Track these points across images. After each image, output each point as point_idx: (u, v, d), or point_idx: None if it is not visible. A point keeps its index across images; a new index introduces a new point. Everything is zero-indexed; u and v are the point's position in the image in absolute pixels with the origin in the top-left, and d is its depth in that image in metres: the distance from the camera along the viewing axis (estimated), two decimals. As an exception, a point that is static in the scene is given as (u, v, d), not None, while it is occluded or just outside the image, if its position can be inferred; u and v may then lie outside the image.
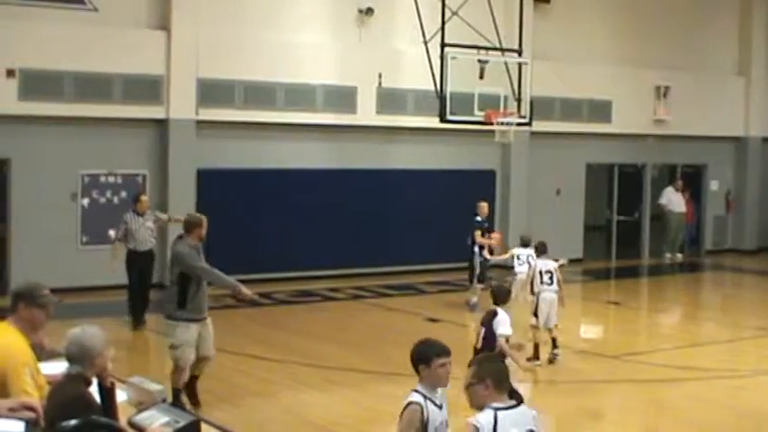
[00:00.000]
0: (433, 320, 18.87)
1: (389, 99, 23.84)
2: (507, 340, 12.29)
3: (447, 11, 21.22)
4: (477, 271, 19.96)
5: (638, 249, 29.19)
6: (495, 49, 21.96)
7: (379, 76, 23.63)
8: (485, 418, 6.24)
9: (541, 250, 16.32)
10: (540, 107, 23.62)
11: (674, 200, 28.80)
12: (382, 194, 24.15)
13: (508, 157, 25.88)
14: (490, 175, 25.99)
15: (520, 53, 22.51)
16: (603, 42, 27.52)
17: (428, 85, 21.26)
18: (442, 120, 21.37)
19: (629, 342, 18.33)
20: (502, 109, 22.06)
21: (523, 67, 22.41)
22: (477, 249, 19.96)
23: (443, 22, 21.06)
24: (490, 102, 21.88)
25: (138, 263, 17.62)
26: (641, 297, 24.77)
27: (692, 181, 29.95)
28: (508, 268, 19.79)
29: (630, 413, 13.68)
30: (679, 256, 28.96)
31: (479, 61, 21.34)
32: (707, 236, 30.47)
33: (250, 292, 12.13)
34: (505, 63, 22.28)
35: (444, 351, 6.91)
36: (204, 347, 12.22)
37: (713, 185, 30.52)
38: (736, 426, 13.05)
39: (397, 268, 24.19)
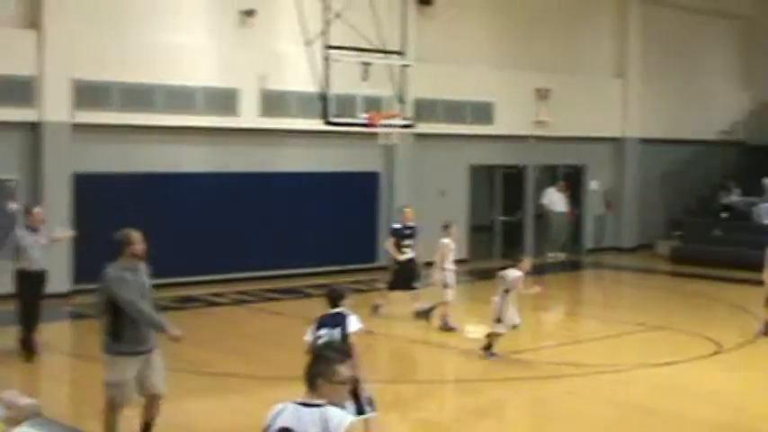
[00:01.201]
0: (319, 323, 18.75)
1: (272, 101, 23.70)
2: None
3: (330, 12, 21.16)
4: (391, 278, 19.60)
5: (521, 249, 29.45)
6: (378, 51, 21.94)
7: (262, 78, 23.46)
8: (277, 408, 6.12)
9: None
10: (424, 109, 23.77)
11: (555, 200, 29.20)
12: (266, 198, 24.00)
13: (392, 159, 25.94)
14: (374, 177, 26.04)
15: (403, 55, 22.56)
16: (486, 44, 27.78)
17: (311, 87, 21.15)
18: (326, 122, 21.29)
19: (513, 340, 18.44)
20: (385, 111, 22.08)
21: (407, 68, 22.46)
22: (398, 258, 19.43)
23: (326, 24, 21.00)
24: (374, 104, 21.91)
25: (31, 285, 15.46)
26: (524, 296, 24.98)
27: (573, 181, 30.40)
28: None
29: (515, 410, 13.80)
30: (561, 255, 29.35)
31: (363, 63, 21.28)
32: (587, 235, 30.96)
33: (178, 333, 10.59)
34: (389, 65, 22.31)
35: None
36: (148, 384, 10.69)
37: (593, 185, 31.04)
38: (618, 419, 13.23)
39: (282, 272, 24.06)
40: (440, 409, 13.39)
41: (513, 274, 16.17)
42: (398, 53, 22.45)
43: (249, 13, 23.36)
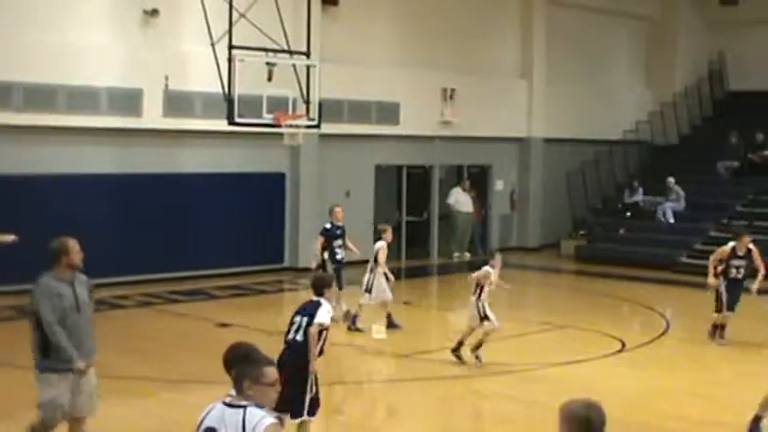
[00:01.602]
0: (224, 325, 18.61)
1: (177, 102, 23.41)
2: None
3: (234, 13, 20.99)
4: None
5: (427, 249, 29.61)
6: (283, 51, 21.85)
7: (166, 78, 23.17)
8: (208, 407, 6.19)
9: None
10: (329, 109, 23.66)
11: (461, 200, 29.33)
12: (170, 199, 23.71)
13: (297, 160, 25.82)
14: (280, 177, 25.89)
15: (308, 55, 22.46)
16: (391, 45, 27.81)
17: (216, 87, 20.96)
18: (231, 122, 21.11)
19: (420, 341, 18.53)
20: (291, 111, 21.98)
21: (312, 69, 22.38)
22: (326, 256, 19.21)
23: (231, 24, 20.83)
24: (279, 104, 21.77)
25: None
26: (431, 296, 25.15)
27: (478, 181, 30.57)
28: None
29: (424, 411, 13.80)
30: (467, 254, 29.49)
31: (267, 63, 21.17)
32: (493, 234, 31.15)
33: (83, 365, 9.56)
34: (294, 65, 22.21)
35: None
36: (76, 404, 9.74)
37: (498, 185, 31.26)
38: (526, 418, 13.31)
39: (187, 273, 23.79)
40: (350, 410, 13.33)
41: (486, 270, 16.46)
42: (304, 54, 22.37)
43: (153, 12, 23.06)
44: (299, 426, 10.22)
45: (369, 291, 18.24)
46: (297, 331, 10.51)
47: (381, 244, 18.50)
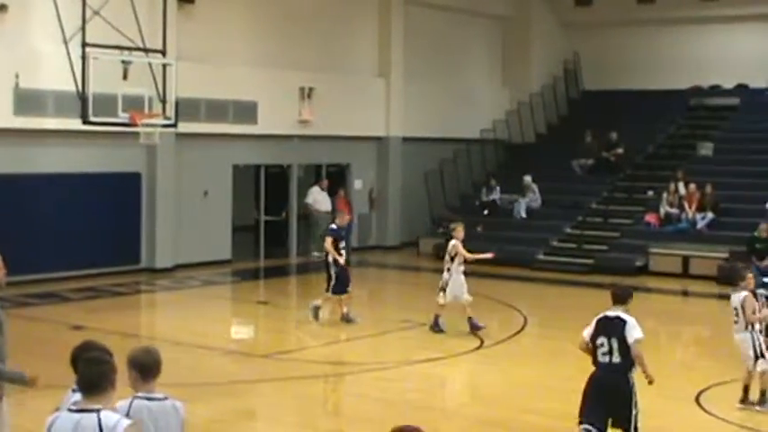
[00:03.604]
0: (78, 328, 18.15)
1: (28, 100, 22.75)
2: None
3: (88, 10, 20.52)
4: (333, 282, 19.13)
5: (286, 249, 29.45)
6: (138, 49, 21.46)
7: (16, 76, 22.50)
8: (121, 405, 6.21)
9: None
10: (186, 108, 23.31)
11: (319, 199, 29.23)
12: (22, 200, 23.06)
13: (154, 159, 25.37)
14: (136, 177, 25.41)
15: (164, 54, 22.10)
16: (248, 44, 27.55)
17: (70, 85, 20.47)
18: (85, 121, 20.65)
19: (280, 341, 18.42)
20: (147, 110, 21.61)
21: (168, 67, 22.03)
22: (330, 259, 19.06)
23: (84, 21, 20.36)
24: (135, 103, 21.38)
25: None
26: (290, 296, 25.01)
27: (337, 180, 30.51)
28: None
29: (284, 411, 13.68)
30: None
31: (123, 62, 20.79)
32: (352, 233, 31.09)
33: (35, 376, 8.95)
34: (149, 64, 21.83)
35: None
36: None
37: (357, 184, 31.26)
38: (386, 417, 13.28)
39: (40, 276, 23.14)
40: (207, 412, 13.11)
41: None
42: (159, 52, 22.00)
43: (1, 8, 22.38)
44: None
45: (444, 290, 18.34)
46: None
47: (454, 242, 18.51)
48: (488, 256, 18.91)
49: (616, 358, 10.06)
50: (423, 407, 13.54)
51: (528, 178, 30.27)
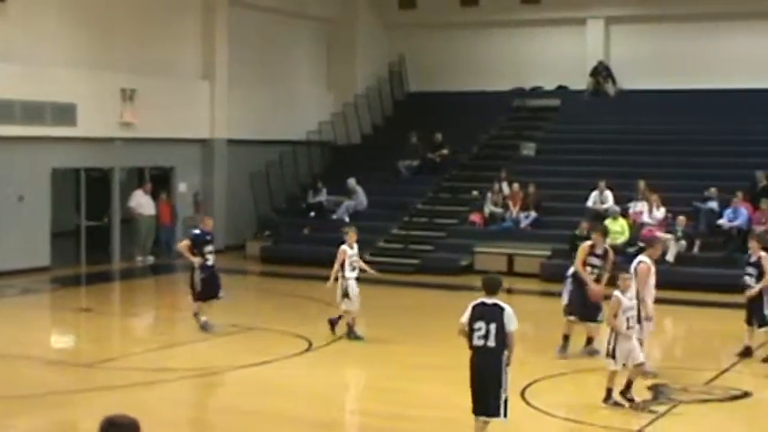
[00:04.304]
0: None
1: None
2: None
3: None
4: (200, 288, 18.57)
5: (108, 254, 28.70)
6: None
7: None
8: None
9: None
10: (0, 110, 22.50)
11: (143, 202, 28.62)
12: None
13: (-34, 164, 24.40)
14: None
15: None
16: (65, 44, 26.74)
17: None
18: None
19: (103, 349, 17.87)
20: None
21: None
22: (195, 264, 18.57)
23: None
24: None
25: None
26: (113, 302, 24.41)
27: (162, 183, 29.92)
28: None
29: (105, 422, 13.20)
30: (150, 258, 28.82)
31: None
32: (178, 237, 30.46)
33: None
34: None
35: None
36: None
37: (182, 187, 30.69)
38: (215, 423, 13.04)
39: None
40: (27, 425, 12.58)
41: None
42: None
43: None
44: None
45: (347, 295, 17.86)
46: None
47: (342, 247, 18.12)
48: (371, 270, 18.62)
49: (491, 342, 10.46)
50: (251, 411, 13.28)
51: (352, 181, 30.28)
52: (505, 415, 10.61)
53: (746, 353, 16.54)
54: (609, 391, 13.07)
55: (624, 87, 33.28)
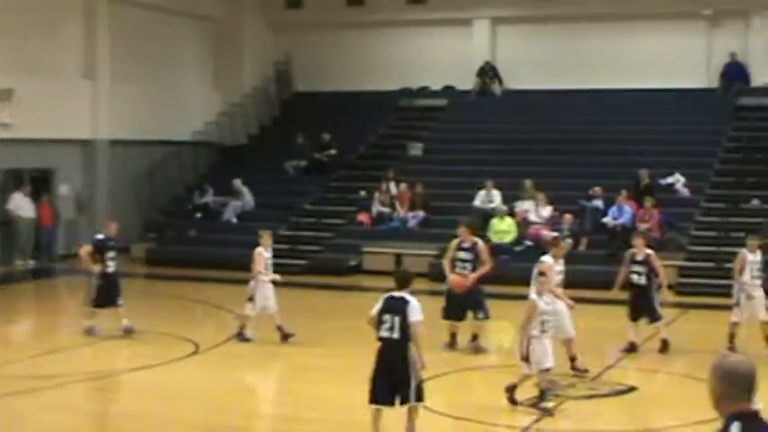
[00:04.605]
0: None
1: None
2: None
3: None
4: (94, 295, 18.02)
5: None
6: None
7: None
8: None
9: None
10: None
11: (22, 205, 27.92)
12: None
13: None
14: None
15: None
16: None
17: None
18: None
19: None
20: None
21: None
22: (94, 271, 18.05)
23: None
24: None
25: None
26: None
27: (43, 185, 29.21)
28: None
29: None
30: (31, 262, 28.14)
31: None
32: (60, 240, 29.85)
33: None
34: None
35: None
36: None
37: (63, 189, 30.00)
38: (103, 428, 12.71)
39: None
40: None
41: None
42: None
43: None
44: None
45: (251, 299, 17.51)
46: None
47: (258, 250, 17.86)
48: (277, 277, 18.25)
49: (396, 334, 10.90)
50: (138, 416, 13.00)
51: (238, 182, 30.01)
52: (421, 399, 11.04)
53: (631, 349, 16.78)
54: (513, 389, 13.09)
55: (510, 87, 33.54)
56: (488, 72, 33.60)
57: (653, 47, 31.95)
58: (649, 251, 17.07)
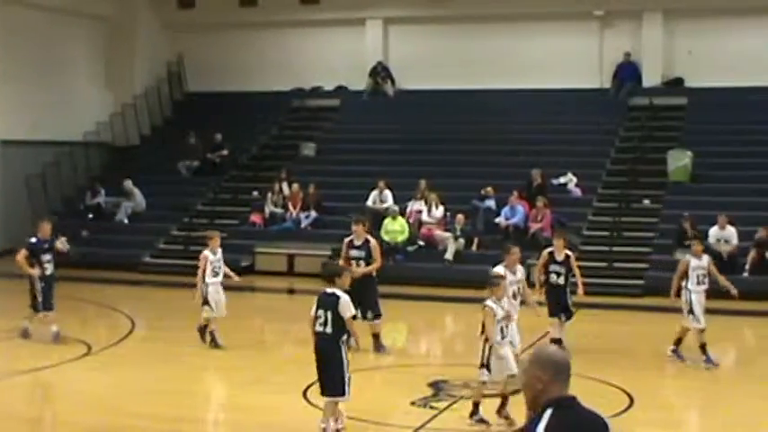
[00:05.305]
0: None
1: None
2: None
3: None
4: (40, 299, 17.61)
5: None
6: None
7: None
8: None
9: None
10: None
11: None
12: None
13: None
14: None
15: None
16: None
17: None
18: None
19: None
20: None
21: None
22: (34, 275, 17.70)
23: None
24: None
25: None
26: None
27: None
28: None
29: None
30: None
31: None
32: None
33: None
34: None
35: None
36: None
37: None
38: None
39: None
40: None
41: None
42: None
43: None
44: None
45: (207, 302, 17.11)
46: None
47: (204, 253, 17.49)
48: (236, 278, 18.22)
49: (329, 329, 11.47)
50: (30, 418, 12.96)
51: (129, 182, 29.86)
52: (347, 393, 11.57)
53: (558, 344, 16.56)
54: (476, 406, 12.66)
55: (403, 87, 33.81)
56: (381, 72, 33.83)
57: (546, 47, 32.37)
58: (569, 252, 17.28)
